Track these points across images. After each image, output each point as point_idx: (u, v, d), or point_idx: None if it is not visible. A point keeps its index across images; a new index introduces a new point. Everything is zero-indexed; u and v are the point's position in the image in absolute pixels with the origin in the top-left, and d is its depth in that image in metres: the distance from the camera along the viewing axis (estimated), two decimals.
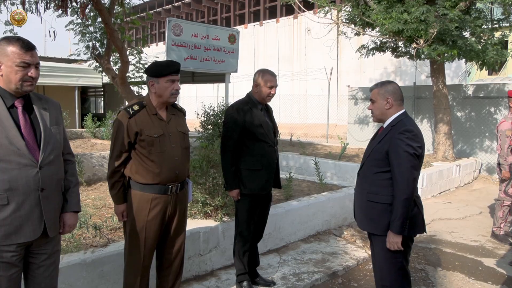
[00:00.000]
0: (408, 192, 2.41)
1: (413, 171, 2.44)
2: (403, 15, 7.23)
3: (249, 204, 3.35)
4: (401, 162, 2.43)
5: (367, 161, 2.65)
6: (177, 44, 7.92)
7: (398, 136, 2.47)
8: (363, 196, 2.64)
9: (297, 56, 19.78)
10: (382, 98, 2.61)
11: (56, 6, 5.43)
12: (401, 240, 2.45)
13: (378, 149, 2.57)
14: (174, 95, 2.67)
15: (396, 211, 2.43)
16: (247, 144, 3.29)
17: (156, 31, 29.44)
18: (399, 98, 2.62)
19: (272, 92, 3.33)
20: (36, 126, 2.08)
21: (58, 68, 12.46)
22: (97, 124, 9.81)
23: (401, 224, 2.42)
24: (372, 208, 2.58)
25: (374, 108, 2.67)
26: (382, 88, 2.63)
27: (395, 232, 2.43)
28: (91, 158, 6.32)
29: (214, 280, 3.68)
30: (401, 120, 2.56)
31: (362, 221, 2.69)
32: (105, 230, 3.69)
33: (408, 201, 2.41)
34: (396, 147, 2.46)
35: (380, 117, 2.66)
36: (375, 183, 2.57)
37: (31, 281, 2.16)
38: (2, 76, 1.99)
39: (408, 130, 2.48)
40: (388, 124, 2.60)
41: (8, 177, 1.94)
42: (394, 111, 2.60)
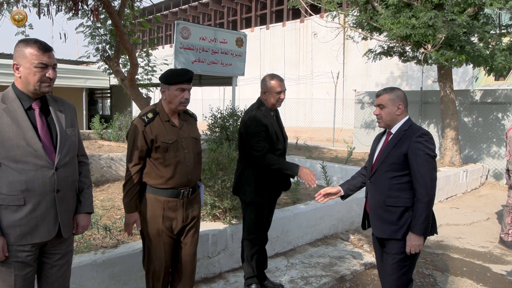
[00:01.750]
0: (431, 194, 2.45)
1: (434, 172, 2.49)
2: (411, 20, 7.23)
3: (258, 210, 3.34)
4: (423, 165, 2.47)
5: (381, 167, 2.63)
6: (185, 47, 7.97)
7: (417, 139, 2.51)
8: (381, 202, 2.62)
9: (303, 60, 19.80)
10: (393, 104, 2.63)
11: (67, 9, 5.49)
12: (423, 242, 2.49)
13: (395, 154, 2.57)
14: (183, 104, 2.69)
15: (420, 214, 2.44)
16: None
17: (163, 34, 29.57)
18: (407, 104, 2.67)
19: (282, 97, 3.30)
20: (52, 128, 2.11)
21: (66, 69, 12.56)
22: (104, 126, 9.87)
23: (425, 226, 2.46)
24: (392, 213, 2.57)
25: (384, 113, 2.66)
26: (393, 93, 2.65)
27: (419, 234, 2.45)
28: (100, 159, 6.36)
29: (223, 283, 3.70)
30: (412, 125, 2.61)
31: (380, 227, 2.64)
32: (115, 231, 3.72)
33: (431, 203, 2.46)
34: (417, 150, 2.49)
35: (389, 122, 2.66)
36: (394, 187, 2.56)
37: (45, 281, 2.19)
38: (21, 78, 2.02)
39: (426, 133, 2.54)
40: (398, 128, 2.63)
41: (25, 178, 1.97)
42: (403, 116, 2.65)
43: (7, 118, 1.97)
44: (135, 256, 3.18)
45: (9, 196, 1.96)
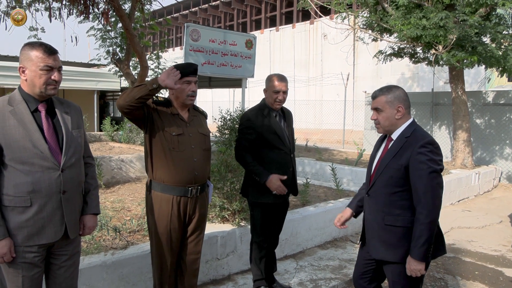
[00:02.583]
0: (434, 215, 2.13)
1: (438, 189, 2.15)
2: (422, 21, 7.17)
3: (264, 212, 3.31)
4: (426, 181, 2.13)
5: (380, 179, 2.30)
6: (195, 49, 7.99)
7: (420, 150, 2.16)
8: (380, 220, 2.30)
9: (313, 62, 19.75)
10: (391, 106, 2.28)
11: (78, 12, 5.56)
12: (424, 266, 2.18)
13: (394, 165, 2.24)
14: (190, 96, 2.69)
15: (419, 236, 2.13)
16: (262, 151, 3.23)
17: (173, 36, 29.75)
18: (408, 105, 2.32)
19: (279, 97, 3.22)
20: (58, 129, 2.12)
21: (77, 72, 12.70)
22: (115, 128, 9.95)
23: (425, 251, 2.13)
24: (392, 233, 2.26)
25: (382, 118, 2.31)
26: (391, 94, 2.29)
27: (418, 259, 2.14)
28: (110, 161, 6.41)
29: (231, 285, 3.69)
30: (415, 130, 2.26)
31: (377, 248, 2.34)
32: (124, 233, 3.74)
33: (434, 224, 2.13)
34: (419, 164, 2.15)
35: (389, 128, 2.32)
36: (394, 204, 2.25)
37: (52, 281, 2.20)
38: (27, 81, 2.05)
39: (431, 143, 2.18)
40: (400, 134, 2.28)
41: (31, 179, 1.99)
42: (404, 120, 2.30)
43: (14, 120, 2.00)
44: (145, 257, 3.19)
45: (16, 198, 1.98)
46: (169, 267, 2.73)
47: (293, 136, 3.46)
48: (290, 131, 3.41)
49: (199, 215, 2.79)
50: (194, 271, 2.86)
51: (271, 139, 3.22)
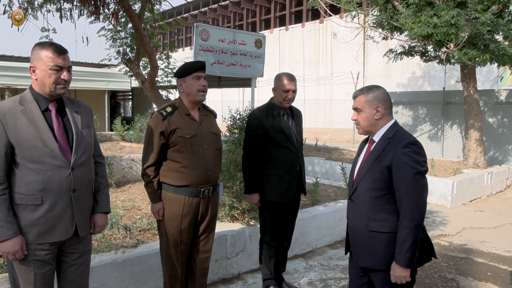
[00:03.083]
0: (419, 218, 2.04)
1: (423, 191, 2.07)
2: (433, 19, 7.09)
3: (272, 211, 3.31)
4: (409, 183, 2.05)
5: (363, 183, 2.21)
6: (204, 49, 8.00)
7: (403, 150, 2.09)
8: (363, 226, 2.20)
9: (323, 61, 19.67)
10: (371, 106, 2.22)
11: (89, 13, 5.60)
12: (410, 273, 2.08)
13: (377, 168, 2.15)
14: (201, 91, 2.69)
15: (403, 241, 2.04)
16: (269, 150, 3.24)
17: (183, 37, 29.86)
18: (389, 106, 2.24)
19: (288, 96, 3.24)
20: (68, 128, 2.14)
21: (88, 72, 12.80)
22: (126, 128, 10.02)
23: (410, 256, 2.04)
24: (377, 239, 2.16)
25: (361, 118, 2.25)
26: (370, 94, 2.23)
27: (403, 265, 2.05)
28: (121, 160, 6.45)
29: (241, 284, 3.69)
30: (398, 131, 2.19)
31: (362, 255, 2.24)
32: (135, 231, 3.76)
33: (419, 228, 2.05)
34: (402, 164, 2.07)
35: (368, 129, 2.26)
36: (379, 209, 2.15)
37: (63, 279, 2.22)
38: (37, 80, 2.07)
39: (414, 143, 2.11)
40: (382, 136, 2.21)
41: (42, 178, 2.01)
42: (385, 121, 2.23)
43: (25, 120, 2.02)
44: (155, 256, 3.21)
45: (27, 196, 2.01)
46: (179, 266, 2.74)
47: (301, 135, 3.45)
48: (298, 130, 3.41)
49: (211, 215, 2.80)
50: (204, 270, 2.87)
51: (278, 138, 3.23)
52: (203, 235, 2.81)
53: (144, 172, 2.71)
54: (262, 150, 3.24)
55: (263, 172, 3.26)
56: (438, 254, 4.71)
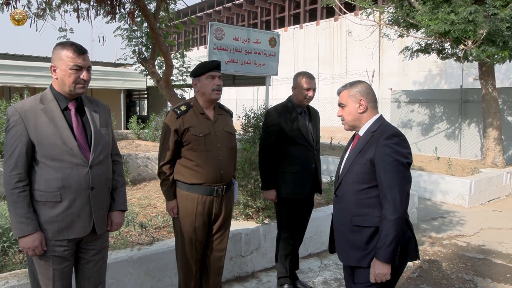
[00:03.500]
0: (400, 211, 1.97)
1: (405, 183, 2.02)
2: (450, 15, 6.98)
3: (287, 207, 3.34)
4: (391, 174, 2.00)
5: (346, 177, 2.19)
6: (219, 48, 8.04)
7: (385, 142, 2.05)
8: (347, 221, 2.16)
9: (338, 59, 19.54)
10: (353, 100, 2.21)
11: (105, 13, 5.66)
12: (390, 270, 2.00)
13: (360, 161, 2.13)
14: (216, 91, 2.71)
15: (385, 235, 1.97)
16: (285, 147, 3.28)
17: (197, 35, 30.00)
18: (373, 99, 2.23)
19: (309, 94, 3.30)
20: (87, 127, 2.18)
21: (105, 72, 12.96)
22: (141, 126, 10.12)
23: (392, 251, 1.96)
24: (360, 234, 2.11)
25: (345, 113, 2.25)
26: (353, 89, 2.23)
27: (384, 261, 1.97)
28: (136, 158, 6.52)
29: (255, 282, 3.70)
30: (382, 125, 2.17)
31: (345, 252, 2.19)
32: (150, 229, 3.80)
33: (400, 222, 1.98)
34: (384, 156, 2.03)
35: (353, 123, 2.25)
36: (362, 203, 2.11)
37: (81, 275, 2.26)
38: (57, 79, 2.11)
39: (396, 134, 2.08)
40: (366, 130, 2.19)
41: (61, 175, 2.05)
42: (369, 115, 2.21)
43: (45, 118, 2.06)
44: (170, 253, 3.24)
45: (47, 193, 2.05)
46: (194, 264, 2.76)
47: (318, 134, 3.48)
48: (315, 129, 3.43)
49: (225, 214, 2.81)
50: (219, 268, 2.89)
51: (294, 135, 3.26)
52: (217, 233, 2.83)
53: (160, 169, 2.75)
54: (278, 147, 3.29)
55: (279, 168, 3.30)
56: (456, 254, 4.65)
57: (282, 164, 3.29)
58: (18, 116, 2.03)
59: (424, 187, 7.50)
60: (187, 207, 2.69)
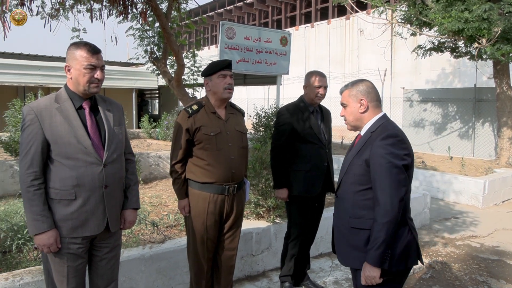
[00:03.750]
0: (391, 214, 1.91)
1: (399, 187, 1.95)
2: (464, 13, 6.89)
3: (299, 206, 3.33)
4: (384, 176, 1.95)
5: (345, 178, 2.17)
6: (230, 47, 8.04)
7: (380, 143, 2.00)
8: (345, 223, 2.13)
9: (349, 58, 19.42)
10: (354, 100, 2.17)
11: (118, 13, 5.71)
12: (380, 274, 1.96)
13: (357, 161, 2.10)
14: (227, 89, 2.72)
15: (376, 238, 1.93)
16: (297, 145, 3.28)
17: (209, 35, 30.08)
18: (374, 98, 2.16)
19: (321, 92, 3.30)
20: (101, 126, 2.20)
21: (117, 71, 13.08)
22: (153, 125, 10.19)
23: (381, 254, 1.92)
24: (357, 236, 2.07)
25: (347, 113, 2.22)
26: (353, 88, 2.18)
27: (372, 263, 1.94)
28: (148, 157, 6.57)
29: (266, 281, 3.70)
30: (382, 125, 2.10)
31: (344, 254, 2.17)
32: (162, 227, 3.82)
33: (390, 225, 1.92)
34: (378, 157, 1.98)
35: (355, 123, 2.20)
36: (358, 204, 2.07)
37: (95, 273, 2.29)
38: (72, 79, 2.13)
39: (392, 135, 2.02)
40: (366, 130, 2.14)
41: (76, 173, 2.07)
42: (371, 114, 2.16)
43: (60, 117, 2.09)
44: (181, 251, 3.26)
45: (62, 191, 2.07)
46: (205, 263, 2.78)
47: (330, 134, 3.47)
48: (327, 128, 3.43)
49: (236, 213, 2.82)
50: (230, 267, 2.89)
51: (306, 134, 3.26)
52: (228, 232, 2.84)
53: (172, 168, 2.77)
54: (290, 146, 3.29)
55: (291, 167, 3.29)
56: (469, 255, 4.59)
57: (294, 163, 3.29)
58: (33, 115, 2.06)
59: (437, 187, 7.42)
60: (199, 206, 2.70)
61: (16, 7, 5.21)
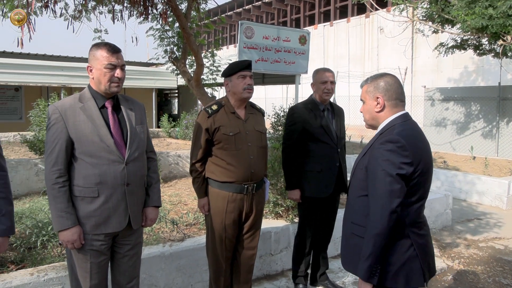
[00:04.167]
0: (380, 227, 1.75)
1: (391, 197, 1.75)
2: (488, 10, 6.72)
3: (310, 207, 3.29)
4: (376, 185, 1.80)
5: (352, 181, 2.03)
6: (249, 46, 8.05)
7: (378, 148, 1.84)
8: (347, 226, 2.03)
9: (369, 56, 19.21)
10: (371, 97, 1.98)
11: (138, 14, 5.79)
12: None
13: (360, 165, 1.97)
14: (247, 90, 2.73)
15: (363, 250, 1.79)
16: (307, 145, 3.23)
17: (227, 34, 30.19)
18: (393, 96, 1.94)
19: (327, 87, 3.23)
20: (123, 125, 2.24)
21: (137, 71, 13.24)
22: (172, 124, 10.29)
23: (368, 268, 1.77)
24: (354, 242, 1.95)
25: (364, 110, 2.05)
26: (372, 83, 1.99)
27: (361, 277, 1.80)
28: (168, 156, 6.64)
29: (285, 281, 3.70)
30: (393, 126, 1.89)
31: (346, 257, 2.04)
32: (181, 226, 3.86)
33: (378, 238, 1.76)
34: (373, 164, 1.83)
35: (370, 122, 2.03)
36: (359, 210, 1.94)
37: (117, 269, 2.33)
38: (94, 79, 2.18)
39: (392, 140, 1.81)
40: (378, 131, 1.97)
41: (98, 171, 2.12)
42: (388, 114, 1.95)
43: (84, 116, 2.14)
44: (201, 250, 3.28)
45: (85, 188, 2.12)
46: (224, 262, 2.79)
47: (342, 132, 3.39)
48: (338, 127, 3.36)
49: (256, 213, 2.82)
50: (250, 266, 2.90)
51: (316, 133, 3.21)
52: (248, 232, 2.85)
53: (192, 167, 2.80)
54: (301, 145, 3.24)
55: (302, 168, 3.25)
56: (492, 258, 4.49)
57: (305, 163, 3.24)
58: (58, 114, 2.11)
59: (459, 188, 7.27)
60: (218, 205, 2.72)
61: (40, 9, 5.34)
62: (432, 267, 1.96)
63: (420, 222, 1.90)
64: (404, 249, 1.84)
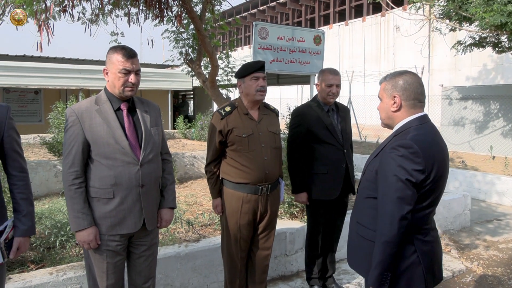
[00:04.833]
0: (389, 234, 1.70)
1: (401, 204, 1.70)
2: (507, 6, 6.59)
3: (318, 209, 3.26)
4: (386, 191, 1.74)
5: (362, 180, 1.99)
6: (263, 47, 8.05)
7: (390, 152, 1.77)
8: (353, 227, 2.00)
9: (385, 55, 19.01)
10: (388, 95, 1.90)
11: (154, 16, 5.85)
12: None
13: (371, 167, 1.92)
14: (260, 91, 2.73)
15: (373, 257, 1.75)
16: (313, 147, 3.19)
17: (242, 35, 30.25)
18: (412, 96, 1.85)
19: (332, 90, 3.18)
20: (138, 127, 2.27)
21: (153, 73, 13.39)
22: (188, 126, 10.36)
23: (378, 276, 1.73)
24: (359, 243, 1.93)
25: (380, 108, 1.98)
26: (390, 81, 1.90)
27: (370, 284, 1.76)
28: (183, 157, 6.70)
29: (300, 281, 3.69)
30: (409, 129, 1.82)
31: (352, 257, 2.02)
32: (197, 226, 3.89)
33: (388, 246, 1.71)
34: (384, 169, 1.78)
35: (386, 121, 1.95)
36: (366, 212, 1.91)
37: (133, 269, 2.36)
38: (109, 82, 2.22)
39: (405, 145, 1.74)
40: (393, 132, 1.90)
41: (114, 173, 2.15)
42: (404, 114, 1.87)
43: (99, 118, 2.17)
44: (216, 250, 3.30)
45: (101, 190, 2.16)
46: (239, 262, 2.80)
47: (347, 132, 3.34)
48: (344, 127, 3.31)
49: (271, 213, 2.83)
50: (265, 267, 2.91)
51: (321, 134, 3.17)
52: (263, 232, 2.85)
53: (207, 168, 2.83)
54: (306, 147, 3.20)
55: (308, 170, 3.21)
56: None
57: (311, 166, 3.20)
58: (75, 117, 2.16)
59: (478, 188, 7.13)
60: (232, 205, 2.73)
61: (58, 13, 5.44)
62: (437, 275, 1.91)
63: (427, 228, 1.84)
64: (407, 255, 1.79)
